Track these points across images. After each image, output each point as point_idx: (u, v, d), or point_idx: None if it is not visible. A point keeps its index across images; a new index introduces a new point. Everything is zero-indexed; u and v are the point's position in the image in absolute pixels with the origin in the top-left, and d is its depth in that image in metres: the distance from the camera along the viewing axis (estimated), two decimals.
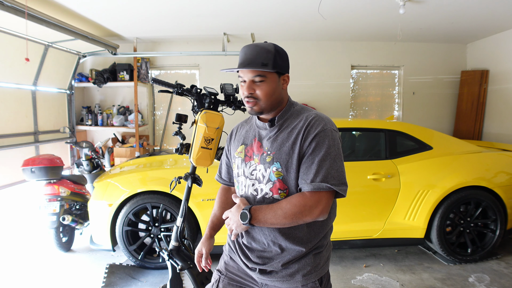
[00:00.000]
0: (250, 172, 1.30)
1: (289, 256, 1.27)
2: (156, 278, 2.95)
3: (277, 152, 1.24)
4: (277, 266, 1.28)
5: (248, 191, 1.30)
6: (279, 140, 1.26)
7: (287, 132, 1.26)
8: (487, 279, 2.86)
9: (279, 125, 1.29)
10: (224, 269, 1.43)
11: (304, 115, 1.28)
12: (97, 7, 3.79)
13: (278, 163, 1.24)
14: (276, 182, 1.24)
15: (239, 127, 1.47)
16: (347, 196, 1.45)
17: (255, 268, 1.32)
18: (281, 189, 1.24)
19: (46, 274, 3.04)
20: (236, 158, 1.37)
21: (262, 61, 1.21)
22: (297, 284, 1.27)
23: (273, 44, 1.26)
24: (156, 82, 2.29)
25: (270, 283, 1.31)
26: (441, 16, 4.24)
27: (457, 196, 3.06)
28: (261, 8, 3.94)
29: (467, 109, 5.60)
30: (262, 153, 1.28)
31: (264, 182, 1.26)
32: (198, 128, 2.07)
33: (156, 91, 5.90)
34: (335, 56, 5.77)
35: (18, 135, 4.01)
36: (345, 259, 3.27)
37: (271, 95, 1.25)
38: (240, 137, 1.41)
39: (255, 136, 1.34)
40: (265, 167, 1.26)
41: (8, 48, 3.67)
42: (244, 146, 1.36)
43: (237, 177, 1.37)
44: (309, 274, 1.27)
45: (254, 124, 1.38)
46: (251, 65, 1.21)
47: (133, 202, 2.99)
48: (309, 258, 1.28)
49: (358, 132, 3.57)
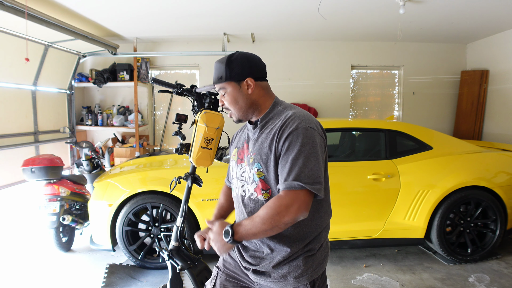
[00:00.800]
0: (241, 174, 1.35)
1: (278, 257, 1.26)
2: (156, 278, 2.95)
3: (257, 153, 1.27)
4: (268, 267, 1.29)
5: (239, 192, 1.36)
6: (259, 141, 1.29)
7: (267, 132, 1.28)
8: (487, 279, 2.86)
9: (261, 126, 1.32)
10: (222, 265, 1.47)
11: (283, 114, 1.27)
12: (97, 7, 3.78)
13: (258, 163, 1.26)
14: (258, 183, 1.26)
15: (239, 131, 1.52)
16: (347, 196, 1.45)
17: (249, 268, 1.34)
18: (264, 189, 1.26)
19: (46, 274, 3.04)
20: (231, 161, 1.44)
21: (218, 75, 1.31)
22: (288, 286, 1.27)
23: (228, 56, 1.31)
24: (156, 82, 2.29)
25: (264, 283, 1.32)
26: (441, 16, 4.24)
27: (457, 196, 3.06)
28: (261, 8, 3.94)
29: (467, 109, 5.60)
30: (247, 154, 1.33)
31: (249, 182, 1.30)
32: (198, 128, 2.07)
33: (156, 91, 5.90)
34: (335, 56, 5.77)
35: (18, 135, 4.00)
36: (345, 259, 3.27)
37: (236, 103, 1.31)
38: (235, 141, 1.49)
39: (245, 139, 1.40)
40: (249, 168, 1.30)
41: (8, 48, 3.67)
42: (237, 149, 1.42)
43: (232, 179, 1.43)
44: (301, 277, 1.26)
45: (246, 129, 1.44)
46: (214, 82, 1.34)
47: (133, 202, 2.99)
48: (299, 260, 1.26)
49: (358, 132, 3.57)
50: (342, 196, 3.00)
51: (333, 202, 1.46)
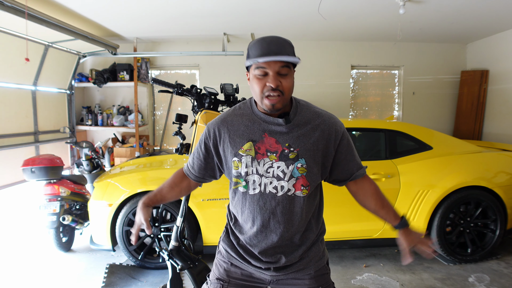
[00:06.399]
0: (266, 169, 1.25)
1: (303, 247, 1.32)
2: (156, 278, 2.95)
3: (302, 149, 1.24)
4: (295, 258, 1.32)
5: (266, 189, 1.26)
6: (302, 137, 1.25)
7: (308, 129, 1.27)
8: (487, 279, 2.86)
9: (295, 121, 1.27)
10: (226, 276, 1.38)
11: (318, 112, 1.32)
12: (97, 7, 3.78)
13: (303, 159, 1.24)
14: (300, 179, 1.24)
15: (229, 122, 1.31)
16: (347, 196, 1.46)
17: (269, 267, 1.32)
18: (304, 185, 1.25)
19: (46, 274, 3.04)
20: (243, 157, 1.26)
21: (289, 52, 1.17)
22: (310, 271, 1.34)
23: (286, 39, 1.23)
24: (156, 82, 2.29)
25: (284, 277, 1.34)
26: (441, 16, 4.24)
27: (457, 196, 3.06)
28: (261, 8, 3.94)
29: (467, 109, 5.60)
30: (282, 149, 1.24)
31: (285, 179, 1.24)
32: (198, 128, 2.07)
33: (156, 91, 5.90)
34: (335, 56, 5.77)
35: (18, 135, 4.01)
36: (345, 259, 3.27)
37: (292, 89, 1.22)
38: (240, 133, 1.28)
39: (264, 131, 1.26)
40: (287, 164, 1.24)
41: (8, 48, 3.67)
42: (253, 142, 1.26)
43: (246, 176, 1.26)
44: (320, 259, 1.37)
45: (255, 118, 1.28)
46: (282, 55, 1.13)
47: (133, 202, 2.99)
48: (317, 245, 1.37)
49: (358, 132, 3.57)
50: (342, 196, 2.97)
51: (333, 202, 1.48)
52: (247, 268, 1.36)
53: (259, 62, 1.15)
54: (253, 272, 1.36)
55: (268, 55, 1.13)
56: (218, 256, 1.44)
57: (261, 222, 1.28)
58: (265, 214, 1.27)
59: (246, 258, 1.34)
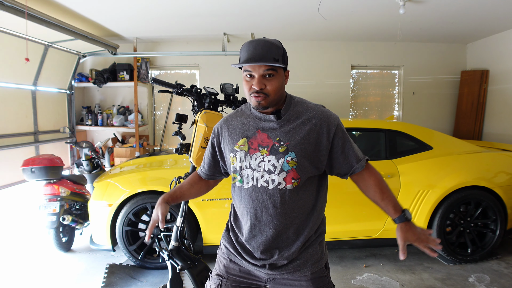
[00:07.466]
0: (257, 163, 1.30)
1: (298, 242, 1.32)
2: (156, 278, 2.95)
3: (292, 143, 1.27)
4: (288, 255, 1.31)
5: (258, 183, 1.30)
6: (292, 131, 1.29)
7: (299, 123, 1.30)
8: (487, 279, 2.86)
9: (287, 116, 1.32)
10: (225, 272, 1.42)
11: (310, 107, 1.35)
12: (97, 7, 3.78)
13: (293, 152, 1.27)
14: (290, 172, 1.27)
15: (229, 121, 1.42)
16: (347, 195, 1.46)
17: (264, 264, 1.33)
18: (295, 178, 1.28)
19: (46, 274, 3.04)
20: (237, 152, 1.34)
21: (274, 56, 1.24)
22: (306, 272, 1.33)
23: (278, 41, 1.29)
24: (156, 82, 2.29)
25: (280, 277, 1.34)
26: (441, 16, 4.24)
27: (457, 196, 3.06)
28: (261, 8, 3.94)
29: (467, 109, 5.60)
30: (272, 144, 1.29)
31: (276, 172, 1.28)
32: (198, 128, 2.07)
33: (156, 91, 5.90)
34: (335, 56, 5.77)
35: (18, 135, 4.00)
36: (345, 259, 3.27)
37: (279, 90, 1.28)
38: (237, 131, 1.37)
39: (257, 128, 1.34)
40: (277, 158, 1.28)
41: (8, 48, 3.67)
42: (246, 138, 1.34)
43: (240, 170, 1.33)
44: (318, 261, 1.36)
45: (251, 116, 1.37)
46: (264, 60, 1.22)
47: (133, 202, 2.99)
48: (315, 246, 1.36)
49: (358, 132, 3.57)
50: (342, 196, 3.00)
51: (333, 202, 1.48)
52: (244, 265, 1.38)
53: (245, 66, 1.24)
54: (250, 269, 1.38)
55: (253, 59, 1.22)
56: (219, 252, 1.49)
57: (254, 215, 1.32)
58: (258, 207, 1.32)
59: (242, 254, 1.37)
